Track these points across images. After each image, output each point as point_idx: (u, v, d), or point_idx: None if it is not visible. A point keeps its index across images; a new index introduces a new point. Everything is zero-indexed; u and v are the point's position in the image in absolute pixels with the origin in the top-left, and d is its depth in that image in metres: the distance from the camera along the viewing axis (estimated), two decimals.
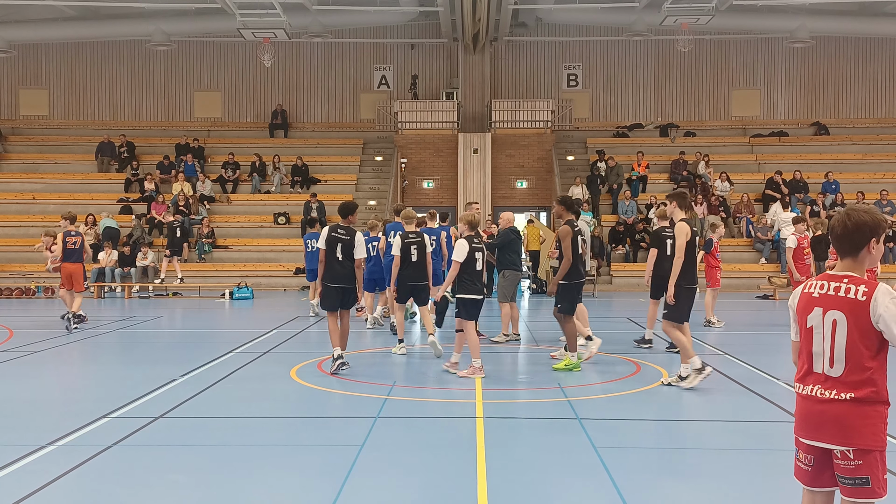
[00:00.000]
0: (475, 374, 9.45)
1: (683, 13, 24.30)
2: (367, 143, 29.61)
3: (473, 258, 9.61)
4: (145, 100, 31.12)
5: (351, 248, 9.86)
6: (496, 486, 5.58)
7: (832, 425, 3.61)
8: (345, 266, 9.86)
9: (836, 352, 3.62)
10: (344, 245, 9.87)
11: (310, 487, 5.71)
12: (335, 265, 9.85)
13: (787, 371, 10.24)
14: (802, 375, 3.78)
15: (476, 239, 9.82)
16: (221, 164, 27.67)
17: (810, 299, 3.72)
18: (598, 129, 30.23)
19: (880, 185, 25.89)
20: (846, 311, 3.59)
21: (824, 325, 3.64)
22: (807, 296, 3.75)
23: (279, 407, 8.26)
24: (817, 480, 3.77)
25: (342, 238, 9.90)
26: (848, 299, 3.59)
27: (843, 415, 3.59)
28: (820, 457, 3.71)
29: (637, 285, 23.51)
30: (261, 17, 24.46)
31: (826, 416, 3.62)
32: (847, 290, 3.61)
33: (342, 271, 9.85)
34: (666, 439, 7.04)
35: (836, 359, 3.62)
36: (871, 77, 30.20)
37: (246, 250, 24.95)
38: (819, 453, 3.71)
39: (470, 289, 9.63)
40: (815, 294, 3.70)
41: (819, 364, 3.68)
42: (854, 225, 3.66)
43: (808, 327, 3.72)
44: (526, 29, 29.88)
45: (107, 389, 9.19)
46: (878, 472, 3.62)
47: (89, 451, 6.43)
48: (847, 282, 3.63)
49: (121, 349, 12.82)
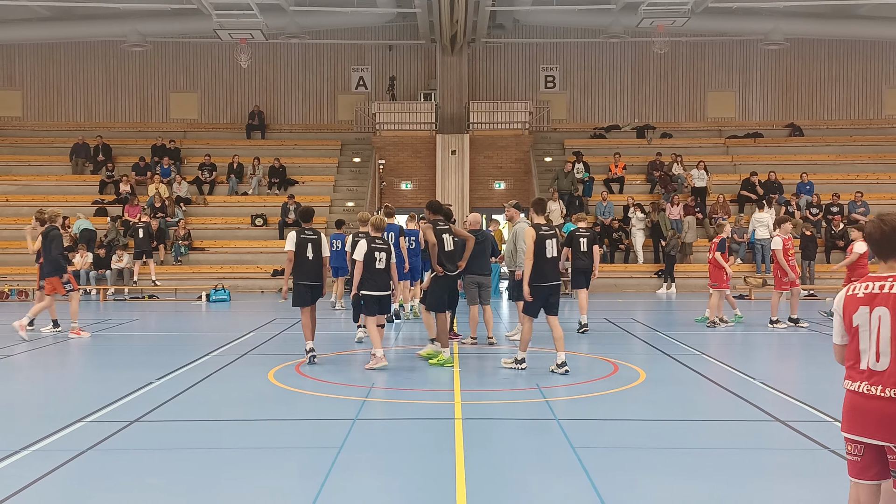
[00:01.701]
0: (378, 364, 10.02)
1: (659, 15, 24.44)
2: (344, 145, 29.54)
3: (373, 257, 10.21)
4: (121, 101, 30.85)
5: (319, 246, 10.63)
6: (475, 487, 5.58)
7: (878, 422, 3.71)
8: (315, 264, 10.59)
9: (882, 346, 3.74)
10: (314, 244, 10.60)
11: (288, 490, 5.69)
12: (306, 264, 10.54)
13: (763, 370, 10.33)
14: (850, 372, 3.89)
15: (378, 240, 10.39)
16: (198, 166, 27.49)
17: (855, 300, 3.86)
18: (575, 131, 30.34)
19: (854, 186, 26.18)
20: (890, 306, 3.73)
21: (870, 321, 3.78)
22: (851, 297, 3.89)
23: (257, 409, 8.22)
24: (865, 473, 3.86)
25: (311, 238, 10.64)
26: (892, 295, 3.75)
27: (888, 412, 3.69)
28: (870, 450, 3.80)
29: (614, 286, 23.65)
30: (237, 18, 24.32)
31: (872, 412, 3.73)
32: (892, 286, 3.77)
33: (312, 270, 10.58)
34: (643, 439, 7.07)
35: (882, 352, 3.74)
36: (845, 79, 30.53)
37: (223, 252, 24.80)
38: (870, 448, 3.80)
39: (369, 286, 10.25)
40: (860, 294, 3.86)
41: (865, 360, 3.80)
42: (891, 228, 3.85)
43: (854, 326, 3.85)
44: (503, 31, 29.95)
45: (82, 393, 9.11)
46: None
47: (64, 455, 6.36)
48: (892, 280, 3.80)
49: (96, 353, 12.70)
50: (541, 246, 9.96)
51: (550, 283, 10.00)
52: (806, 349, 12.92)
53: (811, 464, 6.24)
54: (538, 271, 9.92)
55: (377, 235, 10.51)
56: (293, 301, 10.79)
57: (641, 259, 24.53)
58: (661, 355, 11.56)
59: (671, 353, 11.69)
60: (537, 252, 9.88)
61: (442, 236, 10.67)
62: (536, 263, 9.88)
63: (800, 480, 5.91)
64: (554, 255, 10.07)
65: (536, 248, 9.86)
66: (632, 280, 24.12)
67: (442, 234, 10.70)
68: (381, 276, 10.38)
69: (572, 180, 26.16)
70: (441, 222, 10.88)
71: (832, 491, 5.67)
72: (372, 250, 10.31)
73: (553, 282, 10.04)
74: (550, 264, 10.01)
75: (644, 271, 24.28)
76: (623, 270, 24.34)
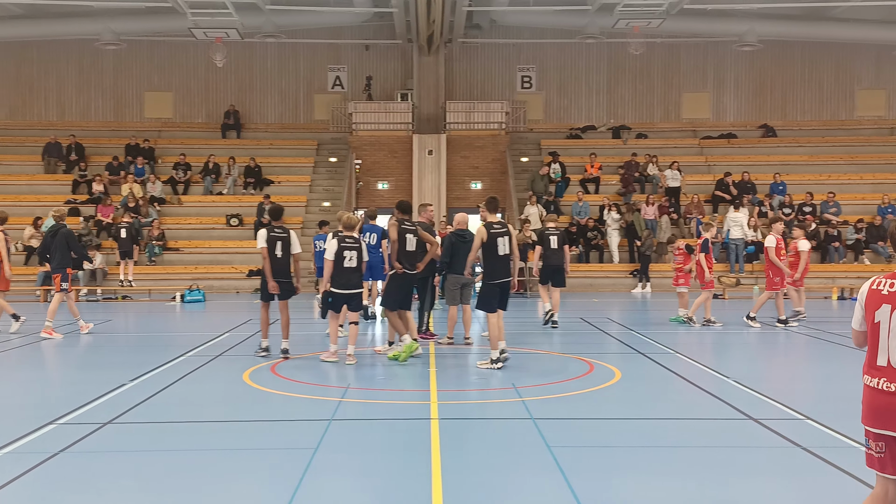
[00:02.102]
0: (330, 359, 10.55)
1: (635, 16, 24.58)
2: (321, 145, 29.44)
3: (342, 255, 10.49)
4: (94, 100, 30.54)
5: (288, 243, 10.92)
6: (451, 487, 5.59)
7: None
8: (284, 261, 10.90)
9: None
10: (283, 242, 10.89)
11: (264, 491, 5.66)
12: (276, 261, 10.84)
13: (737, 369, 10.42)
14: (869, 368, 3.95)
15: (348, 239, 10.60)
16: (172, 165, 27.27)
17: (879, 296, 3.89)
18: (551, 131, 30.43)
19: (826, 186, 26.46)
20: None
21: (891, 320, 3.81)
22: (875, 292, 3.91)
23: (232, 411, 8.17)
24: (888, 467, 3.90)
25: (280, 236, 10.92)
26: None
27: None
28: (891, 445, 3.84)
29: (590, 285, 23.76)
30: (212, 17, 24.17)
31: (892, 407, 3.79)
32: None
33: (283, 266, 10.90)
34: (619, 437, 7.12)
35: None
36: (818, 80, 30.87)
37: (197, 252, 24.62)
38: (890, 441, 3.85)
39: (338, 284, 10.58)
40: (885, 292, 3.88)
41: (884, 357, 3.84)
42: None
43: (875, 322, 3.88)
44: (480, 31, 29.97)
45: (53, 395, 9.01)
46: None
47: (36, 458, 6.29)
48: None
49: (68, 354, 12.57)
50: (492, 244, 10.24)
51: (501, 280, 10.34)
52: (779, 348, 13.05)
53: (784, 461, 6.31)
54: (490, 269, 10.30)
55: (348, 234, 10.69)
56: (262, 295, 11.16)
57: (617, 259, 24.66)
58: (636, 354, 11.63)
59: (646, 352, 11.76)
60: (489, 250, 10.21)
61: (405, 236, 10.82)
62: (488, 261, 10.27)
63: (772, 478, 5.97)
64: (505, 252, 10.35)
65: (488, 246, 10.21)
66: (607, 280, 24.24)
67: (406, 234, 10.84)
68: (350, 274, 10.57)
69: (546, 183, 26.18)
70: (408, 222, 10.99)
71: (804, 488, 5.73)
72: (342, 249, 10.52)
73: (504, 279, 10.37)
74: (502, 262, 10.32)
75: (619, 271, 24.41)
76: (599, 270, 24.45)
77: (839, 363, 11.60)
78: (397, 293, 10.91)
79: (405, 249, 10.83)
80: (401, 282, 10.97)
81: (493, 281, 10.29)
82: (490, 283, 10.30)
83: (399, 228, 10.90)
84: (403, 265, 10.95)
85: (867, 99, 30.85)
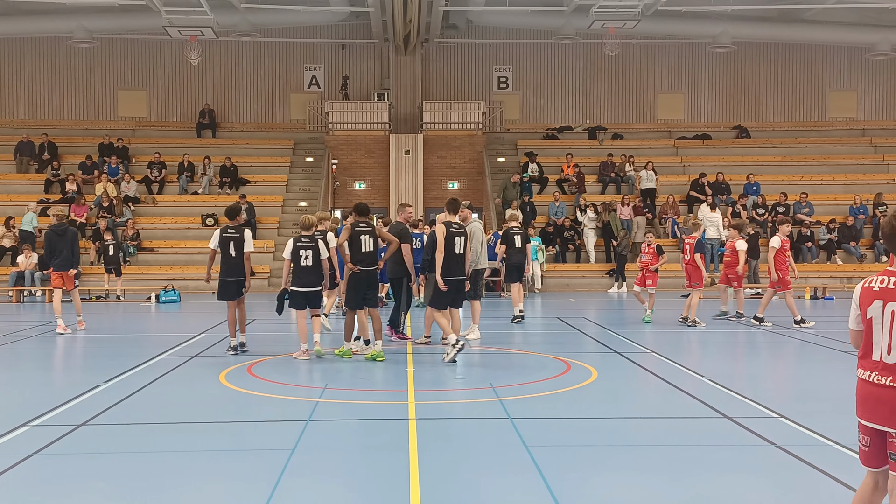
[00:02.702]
0: (302, 356, 10.86)
1: (610, 18, 24.72)
2: (297, 144, 29.32)
3: (299, 255, 10.93)
4: (67, 98, 30.21)
5: (241, 243, 11.33)
6: (429, 487, 5.59)
7: (887, 409, 3.87)
8: (237, 260, 11.34)
9: (894, 340, 3.89)
10: (235, 242, 11.33)
11: (240, 493, 5.63)
12: (229, 261, 11.35)
13: (713, 368, 10.51)
14: (862, 361, 4.04)
15: (304, 238, 11.01)
16: (147, 165, 27.05)
17: (871, 293, 4.00)
18: (528, 131, 30.51)
19: (799, 186, 26.75)
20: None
21: (884, 315, 3.92)
22: (868, 290, 4.03)
23: (208, 412, 8.12)
24: (873, 460, 4.03)
25: (233, 236, 11.36)
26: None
27: None
28: (876, 438, 3.96)
29: (567, 285, 23.85)
30: (187, 15, 23.99)
31: (882, 400, 3.89)
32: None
33: (235, 266, 11.34)
34: (596, 436, 7.15)
35: (894, 346, 3.89)
36: (790, 82, 31.19)
37: (173, 252, 24.44)
38: (875, 435, 3.96)
39: (296, 282, 11.01)
40: (876, 288, 3.99)
41: (877, 352, 3.94)
42: None
43: (868, 318, 4.00)
44: (457, 31, 29.99)
45: (27, 396, 8.90)
46: None
47: (9, 460, 6.21)
48: None
49: (41, 355, 12.43)
50: (450, 242, 10.81)
51: (456, 277, 10.93)
52: (754, 347, 13.17)
53: (758, 459, 6.37)
54: (446, 266, 10.80)
55: (304, 234, 11.13)
56: (218, 295, 11.57)
57: (593, 259, 24.78)
58: (612, 354, 11.69)
59: (623, 351, 11.83)
60: (447, 248, 10.72)
61: (360, 237, 10.95)
62: (445, 259, 10.74)
63: (747, 475, 6.03)
64: (461, 251, 10.88)
65: (446, 245, 10.71)
66: (584, 279, 24.35)
67: (360, 236, 10.96)
68: (307, 272, 11.00)
69: (519, 190, 26.05)
70: (363, 224, 11.11)
71: (778, 485, 5.80)
72: (297, 248, 11.00)
73: (459, 276, 10.98)
74: (457, 260, 10.90)
75: (596, 271, 24.53)
76: (575, 270, 24.56)
77: (814, 362, 11.74)
78: (357, 292, 10.94)
79: (360, 251, 10.90)
80: (358, 281, 10.95)
81: (449, 277, 10.79)
82: (445, 279, 10.78)
83: (353, 231, 10.98)
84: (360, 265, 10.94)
85: (838, 100, 31.24)
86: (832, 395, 8.78)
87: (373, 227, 11.18)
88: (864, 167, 28.64)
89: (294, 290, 11.03)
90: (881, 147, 29.53)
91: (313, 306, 11.11)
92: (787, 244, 14.81)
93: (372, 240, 10.99)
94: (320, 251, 11.06)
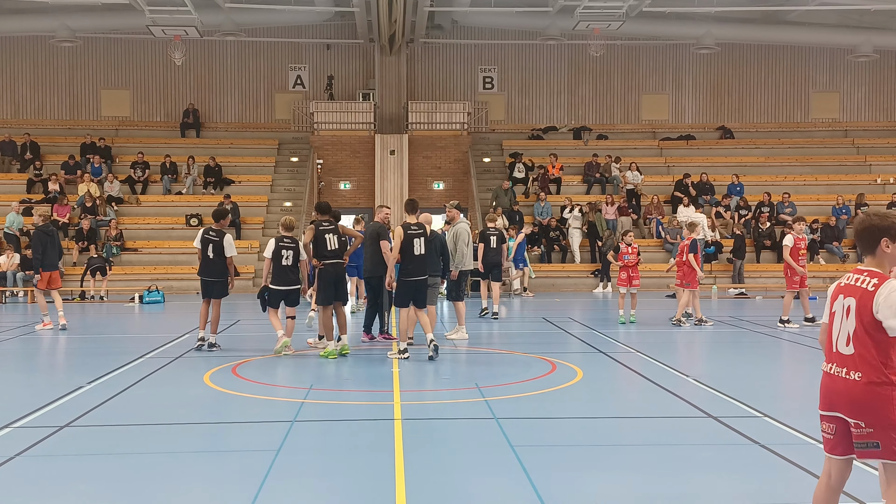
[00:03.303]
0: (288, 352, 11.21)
1: (595, 19, 24.78)
2: (282, 144, 29.23)
3: (280, 255, 11.24)
4: (49, 97, 29.98)
5: (221, 247, 11.60)
6: (414, 488, 5.59)
7: (845, 400, 4.03)
8: (216, 263, 11.63)
9: (850, 334, 4.04)
10: (215, 245, 11.61)
11: (225, 494, 5.61)
12: (208, 262, 11.67)
13: (697, 368, 10.57)
14: (826, 354, 4.21)
15: (286, 239, 11.32)
16: (130, 165, 26.89)
17: (839, 288, 4.17)
18: (513, 132, 30.55)
19: (782, 187, 26.91)
20: (857, 298, 4.02)
21: (843, 309, 4.08)
22: (838, 286, 4.20)
23: (192, 413, 8.08)
24: (836, 449, 4.16)
25: (213, 239, 11.65)
26: (860, 288, 4.04)
27: (852, 392, 4.00)
28: (840, 427, 4.10)
29: (552, 285, 23.89)
30: (171, 14, 23.86)
31: (839, 392, 4.05)
32: (864, 281, 4.05)
33: (214, 267, 11.65)
34: (581, 436, 7.17)
35: (850, 340, 4.04)
36: (774, 82, 31.38)
37: (156, 253, 24.31)
38: (840, 423, 4.10)
39: (275, 281, 11.33)
40: (843, 283, 4.16)
41: (837, 344, 4.10)
42: (864, 227, 4.12)
43: (832, 311, 4.15)
44: (442, 31, 29.99)
45: (9, 398, 8.82)
46: (890, 442, 3.95)
47: None
48: (867, 275, 4.07)
49: (24, 356, 12.33)
50: (408, 244, 11.02)
51: (417, 277, 11.08)
52: (739, 347, 13.25)
53: (741, 458, 6.40)
54: (406, 267, 11.05)
55: (286, 234, 11.41)
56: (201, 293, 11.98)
57: (578, 259, 24.84)
58: (598, 354, 11.72)
59: (608, 351, 11.86)
60: (406, 249, 10.97)
61: (324, 236, 11.16)
62: (405, 260, 11.03)
63: (730, 474, 6.06)
64: (421, 252, 11.05)
65: (405, 246, 10.98)
66: (569, 280, 24.40)
67: (325, 235, 11.18)
68: (286, 272, 11.32)
69: (511, 196, 25.97)
70: (326, 223, 11.30)
71: (761, 484, 5.83)
72: (279, 248, 11.27)
73: (419, 276, 11.10)
74: (417, 261, 11.07)
75: (581, 271, 24.59)
76: (560, 270, 24.61)
77: (798, 362, 11.82)
78: (328, 288, 11.18)
79: (327, 249, 11.16)
80: (327, 276, 11.17)
81: (408, 278, 11.06)
82: (405, 279, 11.08)
83: (317, 230, 11.21)
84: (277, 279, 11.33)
85: (821, 101, 31.45)
86: (816, 394, 8.81)
87: (336, 225, 11.47)
88: (846, 168, 28.85)
89: (274, 289, 11.33)
90: (863, 148, 29.77)
91: (291, 304, 11.48)
92: (801, 242, 14.83)
93: (336, 237, 11.27)
94: (301, 252, 11.36)
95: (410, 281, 11.10)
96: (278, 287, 11.32)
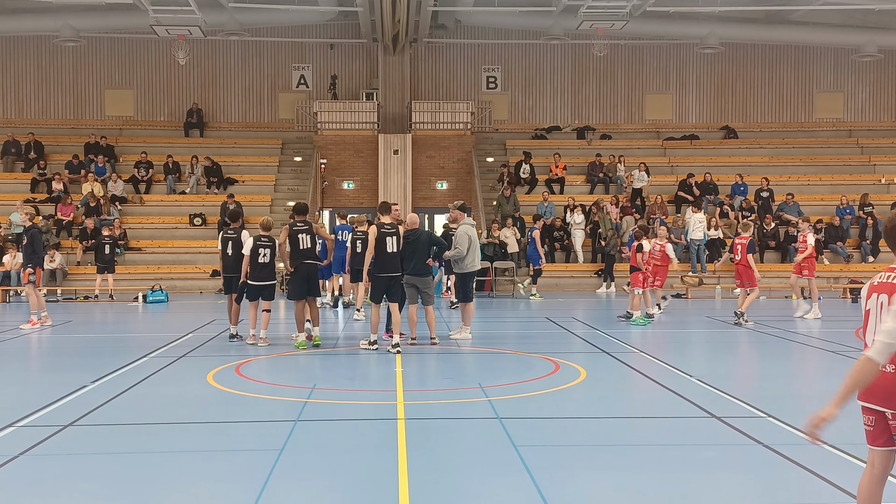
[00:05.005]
0: (261, 343, 12.06)
1: (599, 18, 24.75)
2: (285, 144, 29.24)
3: (257, 252, 12.00)
4: (53, 97, 30.03)
5: (239, 244, 12.40)
6: (418, 487, 5.59)
7: (881, 392, 4.12)
8: (233, 259, 12.47)
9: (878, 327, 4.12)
10: (233, 242, 12.51)
11: (228, 493, 5.61)
12: (226, 259, 12.59)
13: (700, 368, 10.55)
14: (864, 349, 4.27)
15: (263, 237, 12.09)
16: (134, 164, 26.92)
17: (872, 287, 4.29)
18: (516, 132, 30.53)
19: (786, 187, 26.85)
20: (888, 293, 4.14)
21: (877, 305, 4.19)
22: (871, 285, 4.31)
23: (195, 412, 8.09)
24: (877, 440, 4.24)
25: (231, 237, 12.59)
26: (891, 284, 4.16)
27: (887, 384, 4.10)
28: (879, 418, 4.19)
29: (555, 285, 23.87)
30: (175, 14, 23.88)
31: (876, 383, 4.12)
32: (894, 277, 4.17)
33: (231, 264, 12.51)
34: (584, 436, 7.17)
35: None
36: (778, 82, 31.32)
37: (160, 252, 24.34)
38: (878, 415, 4.19)
39: (253, 277, 12.07)
40: (876, 283, 4.27)
41: (871, 338, 4.18)
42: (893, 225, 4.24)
43: (866, 309, 4.28)
44: (445, 31, 29.98)
45: (13, 397, 8.84)
46: None
47: None
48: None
49: (28, 355, 12.36)
50: (381, 242, 11.75)
51: (390, 273, 11.78)
52: (742, 346, 13.23)
53: (745, 458, 6.39)
54: (380, 264, 11.78)
55: (264, 234, 12.15)
56: (224, 290, 12.98)
57: (582, 259, 24.82)
58: (601, 353, 11.71)
59: (611, 351, 11.85)
60: (379, 247, 11.74)
61: (297, 236, 11.96)
62: (379, 257, 11.77)
63: (734, 474, 6.06)
64: (394, 250, 11.77)
65: (378, 244, 11.74)
66: (572, 279, 24.38)
67: (297, 234, 11.96)
68: (263, 269, 12.07)
69: (514, 203, 25.83)
70: (300, 223, 12.09)
71: (764, 484, 5.82)
72: (257, 246, 12.05)
73: (392, 273, 11.79)
74: (390, 258, 11.78)
75: (584, 271, 24.57)
76: (564, 270, 24.59)
77: (802, 362, 11.80)
78: (299, 285, 11.97)
79: (298, 248, 11.92)
80: (299, 275, 12.00)
81: (381, 274, 11.78)
82: (379, 275, 11.80)
83: (291, 231, 12.00)
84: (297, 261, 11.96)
85: (825, 101, 31.39)
86: (819, 394, 8.80)
87: (310, 226, 12.18)
88: (850, 168, 28.79)
89: (252, 284, 12.13)
90: (867, 148, 29.70)
91: (266, 298, 12.25)
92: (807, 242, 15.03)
93: (309, 237, 12.02)
94: (276, 250, 12.17)
95: (384, 276, 11.80)
96: (255, 283, 12.09)
